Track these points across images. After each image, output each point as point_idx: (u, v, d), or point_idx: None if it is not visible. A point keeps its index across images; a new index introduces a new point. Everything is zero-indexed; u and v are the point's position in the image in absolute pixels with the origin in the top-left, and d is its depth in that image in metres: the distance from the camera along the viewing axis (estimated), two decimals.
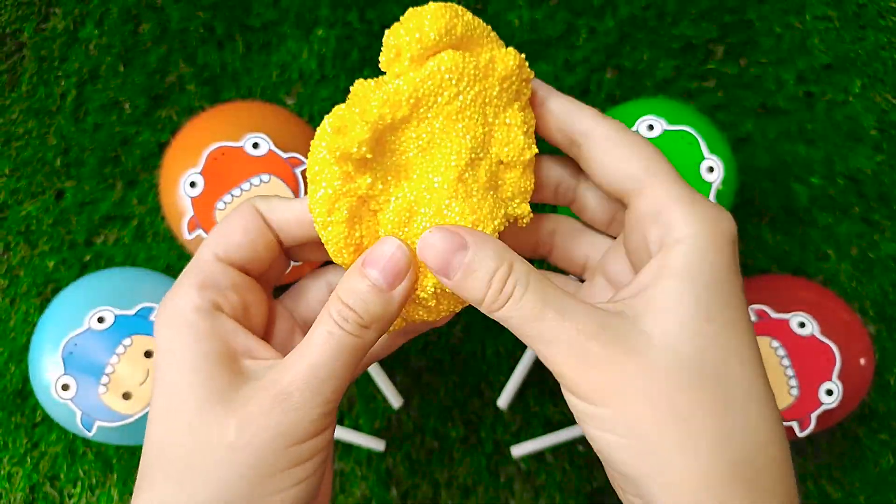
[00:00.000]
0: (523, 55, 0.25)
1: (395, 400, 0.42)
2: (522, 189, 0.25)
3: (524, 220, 0.26)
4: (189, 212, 0.34)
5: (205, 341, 0.22)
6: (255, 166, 0.34)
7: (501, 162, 0.25)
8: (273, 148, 0.35)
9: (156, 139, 0.43)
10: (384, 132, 0.23)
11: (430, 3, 0.23)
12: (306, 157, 0.24)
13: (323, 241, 0.24)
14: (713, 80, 0.44)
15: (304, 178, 0.35)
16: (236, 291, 0.24)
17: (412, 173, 0.24)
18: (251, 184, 0.34)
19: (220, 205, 0.34)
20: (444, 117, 0.24)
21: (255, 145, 0.34)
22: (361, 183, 0.23)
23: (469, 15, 0.24)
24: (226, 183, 0.34)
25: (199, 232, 0.34)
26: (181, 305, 0.23)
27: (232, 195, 0.34)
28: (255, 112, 0.37)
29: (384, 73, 0.24)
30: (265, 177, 0.34)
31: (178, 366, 0.22)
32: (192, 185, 0.34)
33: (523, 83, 0.25)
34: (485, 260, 0.22)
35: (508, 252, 0.22)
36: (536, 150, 0.25)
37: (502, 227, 0.25)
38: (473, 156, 0.24)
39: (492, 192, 0.25)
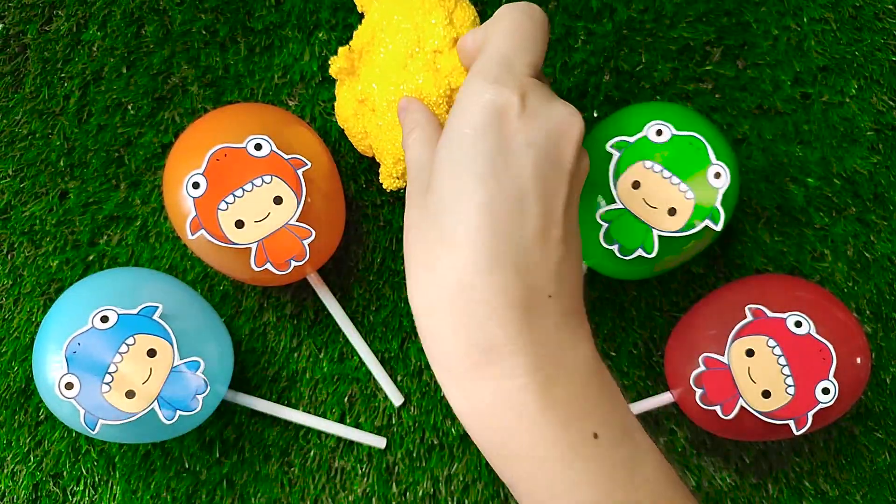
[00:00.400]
0: None
1: (395, 398, 0.42)
2: (453, 66, 0.35)
3: None
4: (192, 212, 0.34)
5: None
6: (258, 167, 0.35)
7: (435, 51, 0.35)
8: (275, 149, 0.35)
9: (159, 140, 0.44)
10: (361, 52, 0.36)
11: None
12: (308, 159, 0.33)
13: (347, 135, 0.38)
14: (710, 81, 0.44)
15: (305, 180, 0.36)
16: None
17: (384, 77, 0.35)
18: (253, 185, 0.35)
19: (222, 205, 0.34)
20: (389, 34, 0.35)
21: (258, 147, 0.35)
22: (356, 89, 0.36)
23: None
24: (228, 184, 0.34)
25: (202, 232, 0.34)
26: None
27: (234, 196, 0.34)
28: (257, 114, 0.37)
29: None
30: (267, 178, 0.35)
31: None
32: (195, 185, 0.34)
33: None
34: (408, 117, 0.32)
35: (424, 116, 0.32)
36: (458, 34, 0.35)
37: (449, 95, 0.35)
38: (411, 52, 0.35)
39: (433, 73, 0.35)
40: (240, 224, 0.34)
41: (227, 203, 0.34)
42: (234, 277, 0.37)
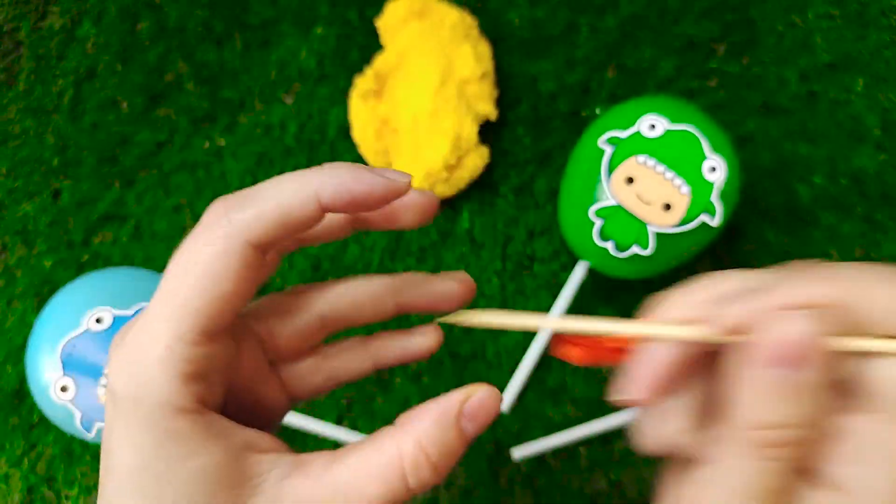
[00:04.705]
0: (464, 11, 0.40)
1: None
2: (481, 95, 0.40)
3: (492, 116, 0.40)
4: None
5: (201, 454, 0.18)
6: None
7: (464, 81, 0.39)
8: None
9: (154, 138, 0.43)
10: (386, 76, 0.40)
11: None
12: None
13: (363, 154, 0.40)
14: (715, 78, 0.43)
15: None
16: (222, 371, 0.20)
17: (409, 99, 0.39)
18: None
19: None
20: (419, 60, 0.39)
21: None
22: (379, 110, 0.40)
23: None
24: None
25: None
26: (160, 408, 0.18)
27: None
28: None
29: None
30: None
31: (166, 495, 0.17)
32: None
33: (469, 28, 0.40)
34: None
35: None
36: (485, 68, 0.39)
37: (478, 122, 0.39)
38: (442, 79, 0.39)
39: (463, 100, 0.39)
40: None
41: None
42: None
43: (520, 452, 0.41)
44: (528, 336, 0.42)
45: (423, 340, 0.24)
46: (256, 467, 0.18)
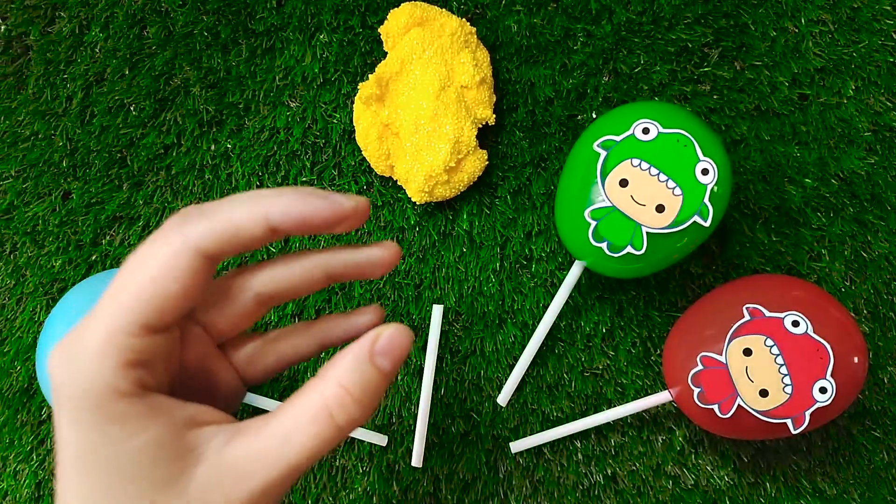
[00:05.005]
0: (463, 19, 0.41)
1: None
2: (480, 100, 0.41)
3: (490, 120, 0.41)
4: None
5: (142, 432, 0.19)
6: None
7: (463, 86, 0.41)
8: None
9: (161, 141, 0.44)
10: (388, 81, 0.41)
11: (403, 4, 0.41)
12: None
13: (367, 157, 0.42)
14: (708, 83, 0.44)
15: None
16: (165, 359, 0.21)
17: (411, 104, 0.40)
18: None
19: None
20: (420, 66, 0.40)
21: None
22: (382, 115, 0.41)
23: (425, 4, 0.41)
24: None
25: None
26: (98, 392, 0.19)
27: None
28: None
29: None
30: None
31: (111, 474, 0.19)
32: None
33: (468, 35, 0.41)
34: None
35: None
36: (484, 74, 0.41)
37: (476, 126, 0.41)
38: (442, 85, 0.40)
39: (463, 105, 0.40)
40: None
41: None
42: None
43: (517, 446, 0.42)
44: (525, 333, 0.43)
45: (365, 319, 0.25)
46: (199, 438, 0.20)
